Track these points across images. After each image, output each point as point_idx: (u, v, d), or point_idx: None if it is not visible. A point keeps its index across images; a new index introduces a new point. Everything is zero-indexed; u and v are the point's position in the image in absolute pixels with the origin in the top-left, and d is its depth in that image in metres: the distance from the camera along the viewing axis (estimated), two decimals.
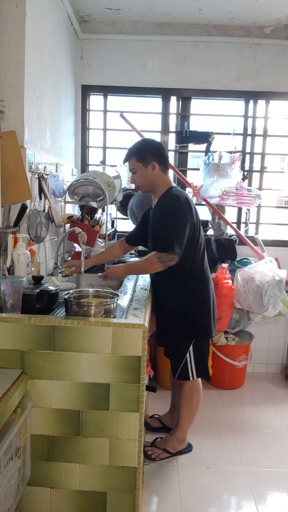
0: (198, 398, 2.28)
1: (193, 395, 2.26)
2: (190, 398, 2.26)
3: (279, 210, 3.93)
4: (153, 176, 2.10)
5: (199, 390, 2.27)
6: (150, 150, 2.11)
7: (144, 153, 2.10)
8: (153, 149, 2.12)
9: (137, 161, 2.10)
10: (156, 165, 2.09)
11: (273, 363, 3.48)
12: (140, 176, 2.11)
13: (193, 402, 2.27)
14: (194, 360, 2.17)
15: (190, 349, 2.16)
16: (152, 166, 2.09)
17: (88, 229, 2.56)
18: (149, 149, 2.12)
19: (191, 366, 2.17)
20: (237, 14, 2.96)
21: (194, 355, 2.17)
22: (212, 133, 3.22)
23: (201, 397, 2.30)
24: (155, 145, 2.15)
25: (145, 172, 2.10)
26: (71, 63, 3.00)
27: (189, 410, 2.28)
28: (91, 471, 1.60)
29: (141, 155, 2.09)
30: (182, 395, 2.27)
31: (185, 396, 2.26)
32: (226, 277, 2.96)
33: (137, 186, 2.18)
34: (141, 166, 2.09)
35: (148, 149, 2.11)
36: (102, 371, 1.52)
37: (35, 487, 1.62)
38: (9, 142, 1.92)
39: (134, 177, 2.15)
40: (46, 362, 1.52)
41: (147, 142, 2.20)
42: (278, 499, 2.04)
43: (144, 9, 2.94)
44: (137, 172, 2.11)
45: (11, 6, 1.95)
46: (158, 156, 2.11)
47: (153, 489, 2.06)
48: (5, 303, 1.62)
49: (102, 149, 3.42)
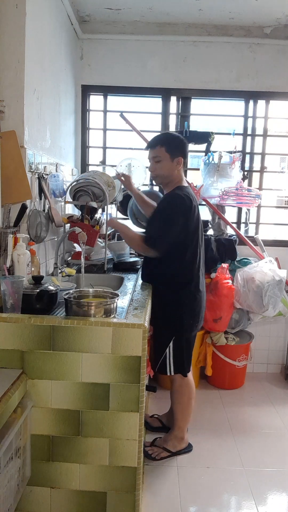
0: (190, 394, 2.29)
1: (183, 391, 2.27)
2: (181, 394, 2.28)
3: (279, 210, 3.93)
4: (175, 171, 2.15)
5: (189, 386, 2.28)
6: (181, 145, 2.16)
7: (176, 146, 2.14)
8: (183, 145, 2.18)
9: (166, 152, 2.12)
10: (181, 161, 2.14)
11: (273, 363, 3.48)
12: (164, 167, 2.13)
13: (184, 398, 2.28)
14: (172, 356, 2.19)
15: (170, 345, 2.18)
16: (178, 161, 2.13)
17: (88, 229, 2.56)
18: (180, 144, 2.17)
19: (170, 361, 2.20)
20: (237, 14, 2.96)
21: (173, 351, 2.18)
22: (212, 133, 3.22)
23: (193, 393, 2.31)
24: (184, 142, 2.20)
25: (170, 164, 2.13)
26: (71, 63, 3.00)
27: (182, 407, 2.29)
28: (91, 471, 1.60)
29: (172, 147, 2.12)
30: (173, 392, 2.30)
31: (176, 392, 2.29)
32: (226, 277, 2.96)
33: (155, 175, 2.19)
34: (168, 157, 2.12)
35: (179, 143, 2.16)
36: (102, 371, 1.52)
37: (35, 487, 1.62)
38: (9, 142, 1.92)
39: (156, 166, 2.15)
40: (46, 362, 1.52)
41: (178, 137, 2.23)
42: (278, 499, 2.04)
43: (144, 9, 2.94)
44: (162, 161, 2.13)
45: (11, 6, 1.95)
46: (184, 153, 2.17)
47: (153, 489, 2.06)
48: (5, 303, 1.62)
49: (102, 149, 3.42)
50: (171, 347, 2.18)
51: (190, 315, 2.18)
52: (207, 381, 3.22)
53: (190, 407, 2.32)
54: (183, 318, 2.17)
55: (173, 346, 2.18)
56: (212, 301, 2.88)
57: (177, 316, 2.16)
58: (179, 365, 2.22)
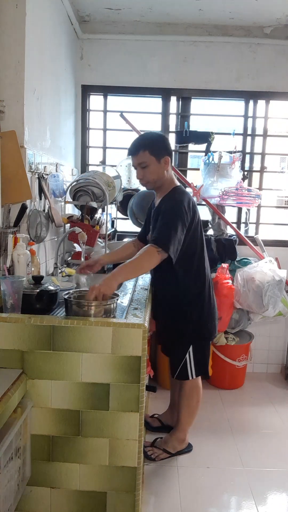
0: (198, 397, 2.28)
1: (193, 394, 2.25)
2: (190, 397, 2.26)
3: (279, 210, 3.93)
4: (164, 172, 2.01)
5: (199, 389, 2.27)
6: (163, 144, 2.01)
7: (159, 146, 1.98)
8: (166, 143, 2.03)
9: (151, 155, 1.95)
10: (169, 160, 2.00)
11: (273, 363, 3.48)
12: (153, 171, 1.98)
13: (193, 401, 2.27)
14: (193, 360, 2.16)
15: (190, 350, 2.15)
16: (165, 161, 1.99)
17: (88, 229, 2.56)
18: (163, 142, 2.02)
19: (191, 366, 2.16)
20: (237, 14, 2.96)
21: (194, 356, 2.15)
22: (212, 133, 3.22)
23: (201, 396, 2.30)
24: (165, 139, 2.06)
25: (158, 167, 1.98)
26: (71, 63, 3.00)
27: (190, 410, 2.28)
28: (91, 471, 1.60)
29: (155, 148, 1.96)
30: (182, 395, 2.27)
31: (185, 396, 2.26)
32: (226, 277, 2.96)
33: (145, 182, 2.03)
34: (154, 160, 1.96)
35: (162, 142, 2.01)
36: (102, 371, 1.52)
37: (35, 487, 1.62)
38: (9, 142, 1.92)
39: (144, 172, 1.99)
40: (46, 362, 1.52)
41: (159, 135, 2.10)
42: (278, 499, 2.04)
43: (144, 9, 2.94)
44: (150, 166, 1.97)
45: (11, 6, 1.95)
46: (169, 151, 2.02)
47: (153, 489, 2.06)
48: (5, 303, 1.62)
49: (102, 149, 3.42)
50: (191, 352, 2.14)
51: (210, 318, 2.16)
52: (207, 381, 3.21)
53: (197, 410, 2.30)
54: (204, 322, 2.13)
55: (193, 351, 2.14)
56: None
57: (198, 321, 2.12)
58: (201, 367, 2.18)
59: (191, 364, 2.16)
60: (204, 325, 2.15)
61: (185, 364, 2.16)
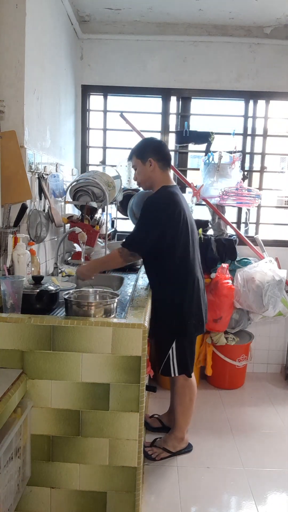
0: (191, 395, 2.28)
1: (185, 392, 2.26)
2: (183, 395, 2.27)
3: (279, 210, 3.93)
4: (150, 173, 2.17)
5: (191, 387, 2.28)
6: (149, 147, 2.20)
7: (143, 150, 2.20)
8: (152, 147, 2.21)
9: (137, 158, 2.20)
10: (152, 161, 2.15)
11: (273, 363, 3.48)
12: (140, 172, 2.21)
13: (185, 399, 2.27)
14: (176, 357, 2.17)
15: (173, 346, 2.17)
16: (149, 163, 2.16)
17: (88, 229, 2.56)
18: (148, 146, 2.21)
19: (173, 362, 2.18)
20: (237, 14, 2.96)
21: (176, 352, 2.17)
22: (212, 133, 3.22)
23: (194, 394, 2.30)
24: (154, 142, 2.26)
25: (144, 168, 2.18)
26: (71, 63, 3.00)
27: (183, 408, 2.29)
28: (91, 471, 1.60)
29: (140, 152, 2.19)
30: (174, 393, 2.30)
31: (178, 394, 2.28)
32: (226, 277, 2.96)
33: (138, 183, 2.29)
34: (140, 162, 2.19)
35: (147, 146, 2.21)
36: (102, 371, 1.52)
37: (35, 487, 1.62)
38: (9, 142, 1.92)
39: (135, 174, 2.26)
40: (46, 362, 1.52)
41: (147, 140, 2.33)
42: (278, 499, 2.04)
43: (144, 9, 2.94)
44: (138, 169, 2.22)
45: (11, 6, 1.95)
46: (156, 153, 2.18)
47: (153, 489, 2.06)
48: (5, 303, 1.62)
49: (102, 149, 3.42)
50: (174, 348, 2.16)
51: (190, 315, 2.17)
52: (207, 381, 3.22)
53: (192, 408, 2.31)
54: (183, 319, 2.15)
55: (176, 347, 2.16)
56: (212, 301, 2.88)
57: (177, 317, 2.14)
58: (183, 366, 2.20)
59: (174, 360, 2.18)
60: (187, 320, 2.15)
61: (168, 359, 2.18)
